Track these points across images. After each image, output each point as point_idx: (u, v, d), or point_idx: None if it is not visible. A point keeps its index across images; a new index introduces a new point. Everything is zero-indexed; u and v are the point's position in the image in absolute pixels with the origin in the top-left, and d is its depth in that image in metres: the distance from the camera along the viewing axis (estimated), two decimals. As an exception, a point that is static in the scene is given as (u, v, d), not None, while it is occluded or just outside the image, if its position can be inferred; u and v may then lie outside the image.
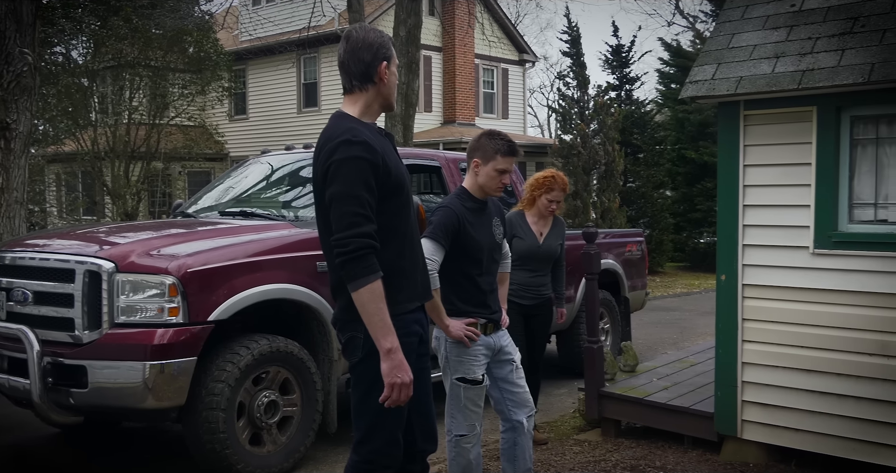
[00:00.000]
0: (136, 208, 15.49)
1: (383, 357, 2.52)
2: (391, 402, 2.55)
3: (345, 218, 2.50)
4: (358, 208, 2.50)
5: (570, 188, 5.00)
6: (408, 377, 2.54)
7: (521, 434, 3.78)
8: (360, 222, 2.50)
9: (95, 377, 4.13)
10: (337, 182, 2.53)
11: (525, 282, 4.79)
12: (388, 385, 2.52)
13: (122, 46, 14.77)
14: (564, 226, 5.08)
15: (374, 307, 2.50)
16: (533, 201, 4.85)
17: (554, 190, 4.79)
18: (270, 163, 6.24)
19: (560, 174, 4.90)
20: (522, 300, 4.79)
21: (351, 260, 2.49)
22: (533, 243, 4.78)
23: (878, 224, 4.14)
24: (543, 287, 4.90)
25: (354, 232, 2.49)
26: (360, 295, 2.50)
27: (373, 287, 2.49)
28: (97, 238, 4.87)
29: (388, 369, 2.52)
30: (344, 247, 2.49)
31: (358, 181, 2.52)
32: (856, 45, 4.04)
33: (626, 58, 19.32)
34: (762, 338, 4.43)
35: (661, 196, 18.04)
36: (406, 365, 2.54)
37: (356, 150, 2.54)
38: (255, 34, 19.07)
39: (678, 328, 10.39)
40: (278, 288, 4.59)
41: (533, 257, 4.79)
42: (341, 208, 2.51)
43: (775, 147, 4.35)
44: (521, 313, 4.78)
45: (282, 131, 20.14)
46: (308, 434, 4.72)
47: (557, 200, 4.82)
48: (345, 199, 2.51)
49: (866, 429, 4.10)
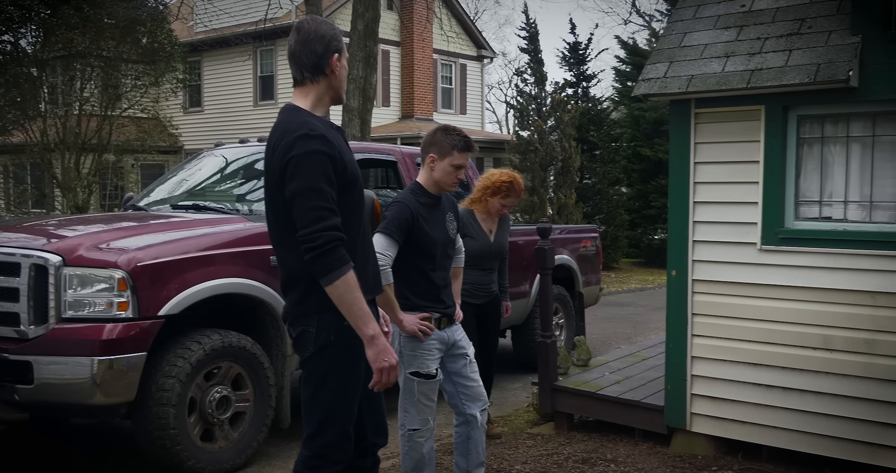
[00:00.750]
0: (87, 201, 15.17)
1: (367, 344, 2.54)
2: (381, 386, 2.58)
3: (310, 213, 2.49)
4: (322, 202, 2.50)
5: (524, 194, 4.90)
6: (394, 360, 2.57)
7: (474, 427, 3.81)
8: (326, 216, 2.49)
9: (41, 374, 4.05)
10: (298, 177, 2.51)
11: (477, 281, 4.74)
12: (377, 370, 2.55)
13: (73, 36, 14.42)
14: (509, 221, 5.06)
15: (351, 298, 2.50)
16: (485, 202, 4.72)
17: (510, 197, 4.68)
18: (224, 156, 6.17)
19: (519, 180, 4.75)
20: (476, 299, 4.74)
21: (322, 254, 2.47)
22: (485, 242, 4.74)
23: (823, 221, 4.25)
24: (493, 284, 4.88)
25: (322, 226, 2.48)
26: (336, 288, 2.49)
27: (347, 278, 2.49)
28: (45, 231, 4.77)
29: (375, 354, 2.54)
30: (313, 242, 2.48)
31: (319, 175, 2.51)
32: (803, 46, 4.14)
33: (584, 55, 19.50)
34: (711, 332, 4.52)
35: (617, 193, 18.24)
36: (390, 348, 2.59)
37: (315, 144, 2.52)
38: (211, 25, 18.84)
39: (632, 322, 10.54)
40: (231, 283, 4.55)
41: (485, 256, 4.75)
42: (305, 203, 2.50)
43: (725, 145, 4.43)
44: (474, 313, 4.73)
45: (238, 124, 19.91)
46: (261, 430, 4.69)
47: (511, 205, 4.76)
48: (308, 193, 2.49)
49: (809, 421, 4.21)
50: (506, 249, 4.95)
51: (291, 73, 2.74)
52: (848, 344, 4.09)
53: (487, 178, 4.75)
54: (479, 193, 4.73)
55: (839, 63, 3.94)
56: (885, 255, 3.98)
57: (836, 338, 4.12)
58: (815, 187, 4.28)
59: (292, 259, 2.61)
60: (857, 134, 4.15)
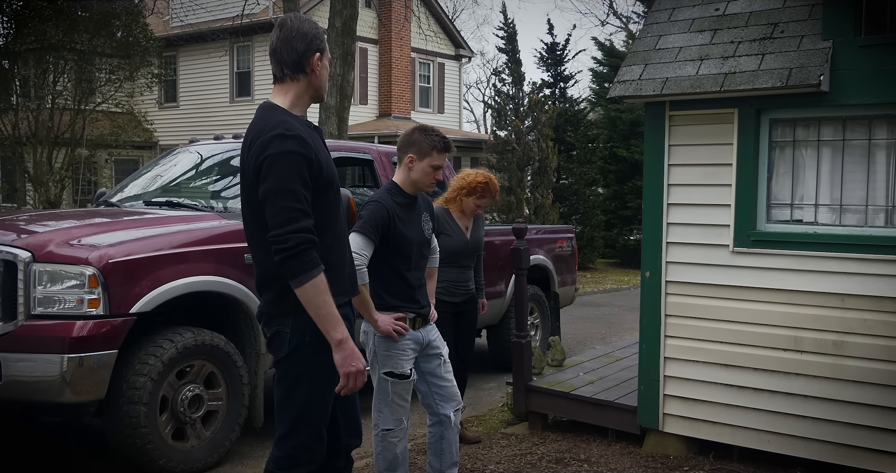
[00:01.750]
0: (59, 197, 14.97)
1: (335, 348, 2.52)
2: (347, 390, 2.57)
3: (282, 214, 2.47)
4: (295, 203, 2.47)
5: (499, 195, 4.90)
6: (361, 365, 2.56)
7: (448, 428, 3.81)
8: (298, 217, 2.47)
9: (10, 371, 4.00)
10: (272, 178, 2.48)
11: (454, 279, 4.74)
12: (344, 375, 2.54)
13: (46, 28, 14.22)
14: (483, 217, 5.04)
15: (320, 301, 2.48)
16: (459, 202, 4.73)
17: (485, 197, 4.70)
18: (199, 152, 6.12)
19: (494, 181, 4.76)
20: (453, 297, 4.75)
21: (292, 256, 2.46)
22: (461, 238, 4.75)
23: (794, 224, 4.30)
24: (470, 282, 4.88)
25: (293, 227, 2.46)
26: (305, 291, 2.47)
27: (316, 282, 2.47)
28: (14, 226, 4.70)
29: (342, 359, 2.53)
30: (283, 243, 2.46)
31: (293, 176, 2.48)
32: (775, 50, 4.19)
33: (561, 56, 19.56)
34: (683, 334, 4.56)
35: (593, 193, 18.34)
36: (358, 353, 2.57)
37: (290, 144, 2.50)
38: (187, 20, 18.66)
39: (606, 323, 10.60)
40: (204, 280, 4.51)
41: (462, 253, 4.76)
42: (278, 203, 2.48)
43: (698, 147, 4.47)
44: (451, 311, 4.74)
45: (213, 121, 19.76)
46: (233, 429, 4.66)
47: (486, 205, 4.77)
48: (281, 194, 2.47)
49: (780, 422, 4.26)
50: (482, 245, 4.96)
51: (272, 69, 2.72)
52: (817, 346, 4.14)
53: (463, 178, 4.75)
54: (455, 192, 4.73)
55: (811, 68, 3.99)
56: (855, 258, 4.03)
57: (806, 340, 4.17)
58: (787, 190, 4.33)
59: (268, 258, 2.58)
60: (828, 138, 4.21)
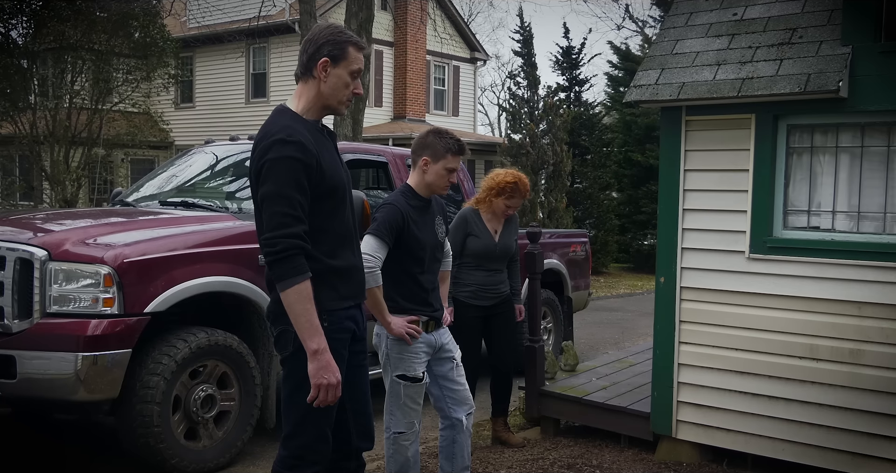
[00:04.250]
0: (75, 195, 15.08)
1: (310, 358, 2.51)
2: (318, 402, 2.55)
3: (274, 218, 2.50)
4: (288, 209, 2.50)
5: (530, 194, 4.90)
6: (335, 378, 2.53)
7: (459, 431, 3.80)
8: (289, 223, 2.49)
9: (25, 368, 4.02)
10: (269, 182, 2.52)
11: (483, 282, 4.74)
12: (315, 386, 2.53)
13: (65, 28, 14.33)
14: (517, 221, 5.03)
15: (300, 308, 2.49)
16: (489, 202, 4.75)
17: (515, 197, 4.71)
18: (215, 153, 6.14)
19: (524, 181, 4.77)
20: (482, 301, 4.74)
21: (278, 261, 2.49)
22: (489, 241, 4.75)
23: (811, 231, 4.26)
24: (502, 285, 4.85)
25: (283, 232, 2.48)
26: (287, 296, 2.49)
27: (300, 288, 2.48)
28: (31, 225, 4.74)
29: (315, 370, 2.51)
30: (272, 247, 2.49)
31: (289, 181, 2.51)
32: (793, 56, 4.15)
33: (577, 60, 19.52)
34: (698, 340, 4.52)
35: (608, 198, 18.28)
36: (334, 366, 2.54)
37: (289, 149, 2.52)
38: (204, 21, 18.77)
39: (620, 328, 10.55)
40: (218, 281, 4.53)
41: (489, 256, 4.75)
42: (271, 207, 2.51)
43: (715, 153, 4.45)
44: (480, 315, 4.74)
45: (229, 121, 19.85)
46: (245, 429, 4.67)
47: (517, 206, 4.77)
48: (275, 199, 2.50)
49: (795, 430, 4.22)
50: (512, 249, 4.92)
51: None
52: (834, 354, 4.10)
53: (492, 178, 4.76)
54: (484, 193, 4.76)
55: (829, 73, 3.96)
56: (872, 265, 3.99)
57: (822, 348, 4.13)
58: (804, 197, 4.29)
59: None
60: (847, 144, 4.17)
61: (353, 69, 2.69)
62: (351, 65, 2.69)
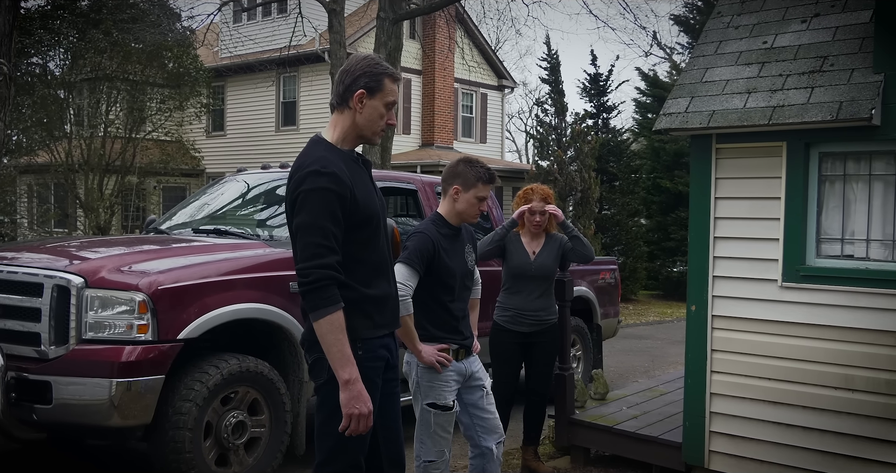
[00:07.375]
0: (108, 222, 15.33)
1: (342, 388, 2.53)
2: (350, 432, 2.56)
3: (308, 249, 2.53)
4: (321, 239, 2.53)
5: (553, 199, 4.94)
6: (366, 409, 2.55)
7: (489, 460, 3.78)
8: (322, 253, 2.52)
9: (60, 394, 4.08)
10: (303, 212, 2.55)
11: (521, 307, 4.73)
12: (346, 416, 2.54)
13: (101, 59, 14.69)
14: (560, 241, 4.90)
15: (332, 338, 2.52)
16: (521, 219, 4.82)
17: (531, 200, 4.78)
18: (246, 181, 6.23)
19: (539, 185, 4.91)
20: (520, 326, 4.73)
21: (312, 291, 2.52)
22: (524, 259, 4.75)
23: (845, 259, 4.22)
24: (544, 312, 4.81)
25: (316, 263, 2.51)
26: (320, 326, 2.52)
27: (332, 319, 2.51)
28: (67, 252, 4.83)
29: (347, 399, 2.53)
30: (305, 278, 2.52)
31: (324, 212, 2.54)
32: (825, 84, 4.14)
33: (604, 86, 19.55)
34: (730, 369, 4.47)
35: (636, 224, 18.18)
36: (365, 395, 2.55)
37: (323, 181, 2.55)
38: (236, 51, 19.09)
39: (650, 356, 10.45)
40: (250, 308, 4.57)
41: (524, 275, 4.75)
42: (305, 238, 2.54)
43: (746, 181, 4.43)
44: (517, 341, 4.73)
45: (259, 149, 20.10)
46: (276, 456, 4.68)
47: (539, 210, 4.76)
48: (309, 229, 2.54)
49: (829, 462, 4.14)
50: (551, 270, 4.84)
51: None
52: (869, 384, 4.04)
53: (516, 198, 4.92)
54: (516, 212, 4.85)
55: (862, 101, 3.94)
56: (908, 295, 3.94)
57: (858, 378, 4.07)
58: (837, 225, 4.25)
59: None
60: (880, 172, 4.14)
61: (388, 101, 2.73)
62: (386, 96, 2.72)
